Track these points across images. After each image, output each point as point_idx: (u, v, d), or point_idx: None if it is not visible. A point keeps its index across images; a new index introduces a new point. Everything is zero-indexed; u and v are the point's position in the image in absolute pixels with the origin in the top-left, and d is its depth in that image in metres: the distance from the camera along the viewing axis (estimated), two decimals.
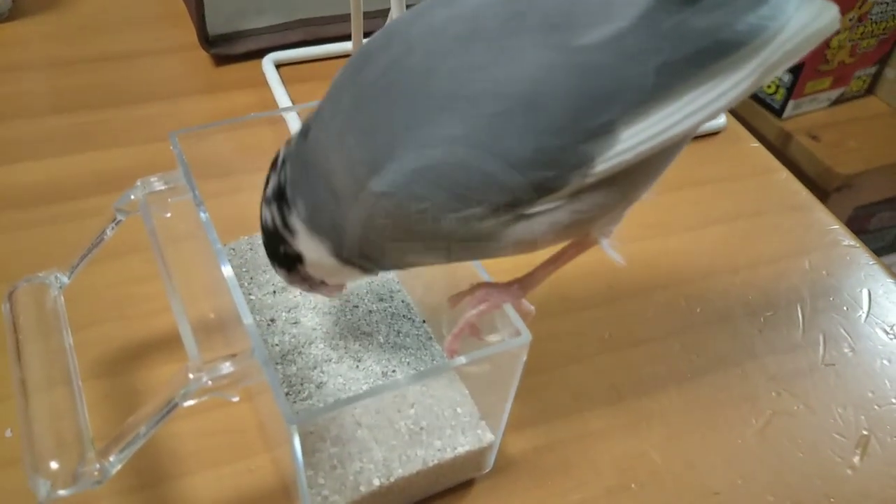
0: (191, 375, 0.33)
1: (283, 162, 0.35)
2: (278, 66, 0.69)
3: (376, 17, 0.70)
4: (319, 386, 0.42)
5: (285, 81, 0.67)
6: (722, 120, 0.68)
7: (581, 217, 0.31)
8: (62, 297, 0.41)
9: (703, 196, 0.62)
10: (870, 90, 1.77)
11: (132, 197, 0.41)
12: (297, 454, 0.33)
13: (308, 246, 0.35)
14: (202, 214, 0.40)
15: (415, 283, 0.47)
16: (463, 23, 0.30)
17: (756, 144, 0.68)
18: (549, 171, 0.29)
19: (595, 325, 0.51)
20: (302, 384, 0.42)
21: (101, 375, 0.45)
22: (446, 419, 0.41)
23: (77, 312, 0.47)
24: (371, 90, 0.31)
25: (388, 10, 0.68)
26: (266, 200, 0.36)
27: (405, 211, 0.30)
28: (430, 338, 0.45)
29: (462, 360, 0.34)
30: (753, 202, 0.62)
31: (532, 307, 0.38)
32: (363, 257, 0.34)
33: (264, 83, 0.68)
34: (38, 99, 0.65)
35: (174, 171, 0.42)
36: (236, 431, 0.43)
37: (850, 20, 1.53)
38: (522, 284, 0.37)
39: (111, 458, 0.34)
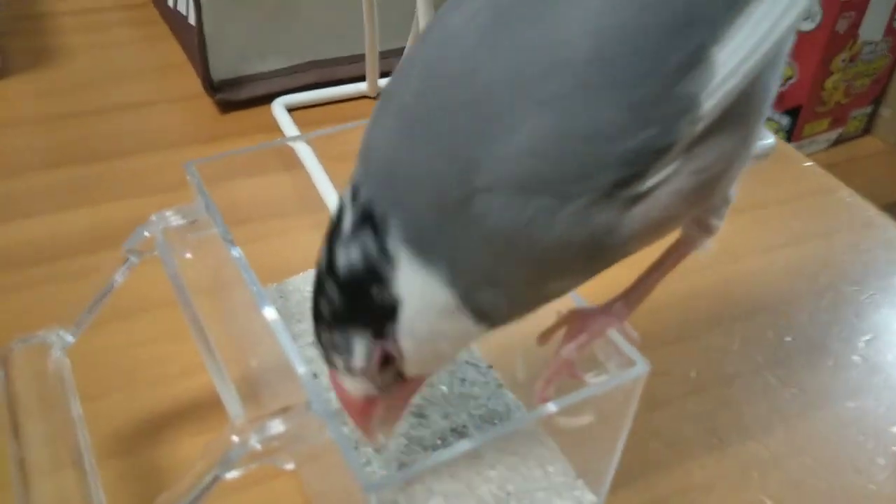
0: (235, 438, 0.27)
1: (357, 189, 0.27)
2: (290, 111, 0.64)
3: (390, 57, 0.65)
4: (379, 449, 0.35)
5: (299, 126, 0.62)
6: (771, 140, 0.63)
7: (703, 178, 0.26)
8: (67, 359, 0.35)
9: (767, 218, 0.56)
10: (867, 130, 1.76)
11: (146, 234, 0.35)
12: None
13: (413, 281, 0.26)
14: (234, 251, 0.34)
15: None
16: (483, 11, 0.25)
17: (809, 163, 0.63)
18: (652, 128, 0.24)
19: (676, 363, 0.45)
20: (357, 448, 0.35)
21: (116, 454, 0.38)
22: (536, 481, 0.34)
23: (84, 380, 0.40)
24: (420, 115, 0.25)
25: (403, 48, 0.63)
26: (340, 239, 0.26)
27: (515, 228, 0.24)
28: (501, 385, 0.38)
29: (574, 398, 0.28)
30: (822, 222, 0.56)
31: (636, 333, 0.32)
32: (489, 284, 0.26)
33: (275, 128, 0.63)
34: (31, 155, 0.59)
35: (191, 204, 0.36)
36: None
37: (843, 61, 1.52)
38: (627, 301, 0.30)
39: None
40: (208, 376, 0.42)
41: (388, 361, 0.27)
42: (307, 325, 0.41)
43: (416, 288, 0.26)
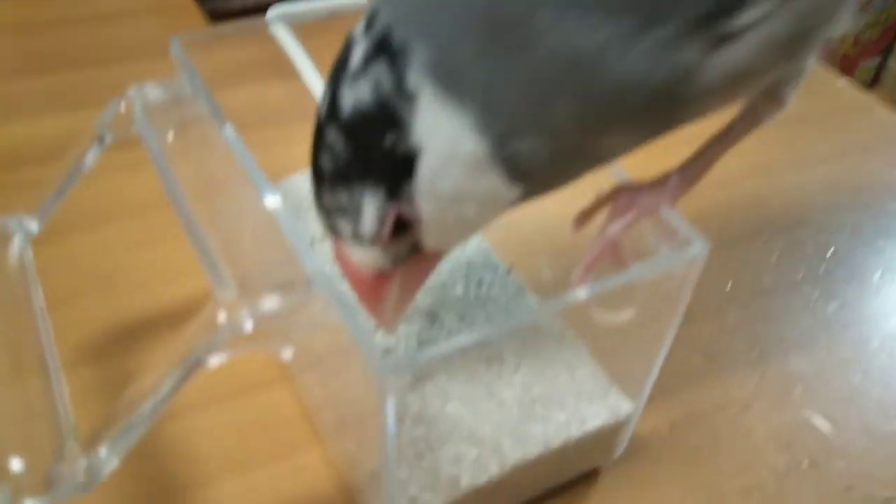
0: (222, 316, 0.22)
1: (373, 16, 0.22)
2: (287, 21, 0.59)
3: None
4: (387, 351, 0.31)
5: (297, 37, 0.57)
6: None
7: (800, 27, 0.22)
8: (30, 251, 0.30)
9: (805, 133, 0.52)
10: (875, 81, 1.71)
11: (122, 109, 0.30)
12: (389, 425, 0.22)
13: (437, 124, 0.21)
14: (226, 129, 0.29)
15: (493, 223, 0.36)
16: None
17: (844, 84, 0.59)
18: None
19: (712, 273, 0.41)
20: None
21: (87, 362, 0.34)
22: (564, 386, 0.30)
23: (54, 285, 0.36)
24: None
25: None
26: (347, 76, 0.22)
27: (581, 56, 0.20)
28: (522, 287, 0.34)
29: (617, 280, 0.24)
30: (861, 138, 0.52)
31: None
32: (530, 132, 0.21)
33: (270, 40, 0.58)
34: (6, 62, 0.54)
35: (174, 79, 0.32)
36: (273, 424, 0.32)
37: None
38: (684, 176, 0.26)
39: (102, 452, 0.23)
40: (194, 282, 0.38)
41: (402, 228, 0.23)
42: (304, 223, 0.36)
43: (440, 133, 0.21)
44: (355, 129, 0.22)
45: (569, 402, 0.29)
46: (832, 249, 0.43)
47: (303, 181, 0.40)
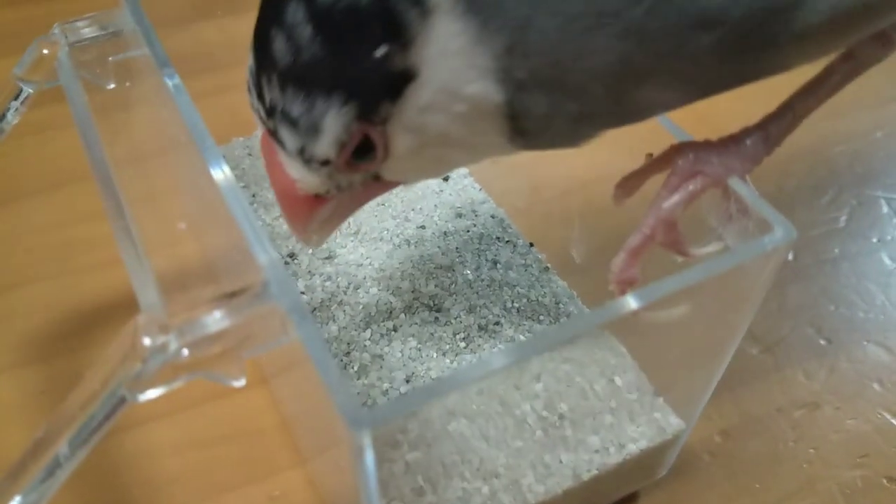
0: (147, 340, 0.17)
1: None
2: None
3: None
4: (378, 357, 0.25)
5: None
6: None
7: None
8: None
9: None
10: None
11: (45, 52, 0.24)
12: (369, 477, 0.17)
13: (447, 48, 0.16)
14: (167, 79, 0.23)
15: (510, 186, 0.30)
16: None
17: None
18: None
19: None
20: (348, 354, 0.25)
21: (33, 361, 0.29)
22: (600, 398, 0.24)
23: None
24: None
25: None
26: None
27: None
28: (547, 268, 0.28)
29: (679, 283, 0.18)
30: None
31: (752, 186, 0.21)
32: (558, 72, 0.16)
33: None
34: None
35: (113, 10, 0.25)
36: (246, 436, 0.27)
37: None
38: (768, 135, 0.20)
39: None
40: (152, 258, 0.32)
41: (363, 155, 0.18)
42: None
43: (449, 63, 0.17)
44: (339, 22, 0.16)
45: (605, 420, 0.23)
46: None
47: None
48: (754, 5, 0.15)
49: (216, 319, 0.17)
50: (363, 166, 0.19)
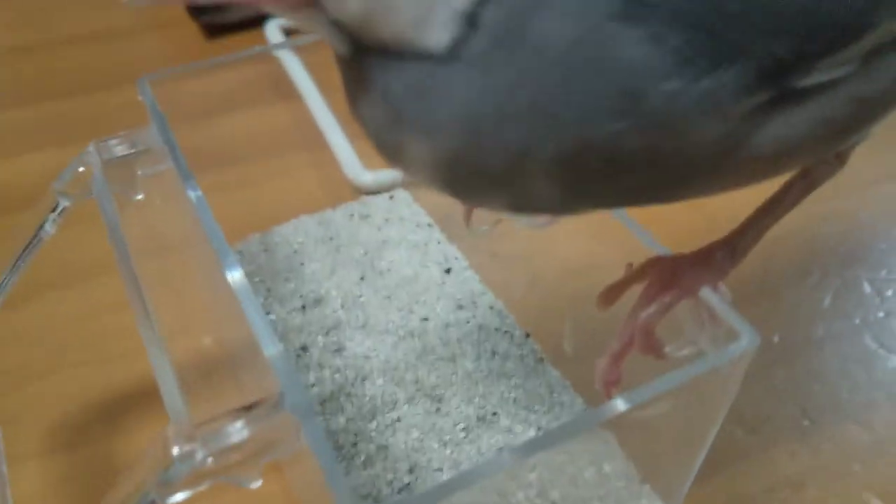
0: (175, 449, 0.19)
1: None
2: (287, 33, 0.55)
3: None
4: (383, 447, 0.27)
5: (296, 50, 0.54)
6: None
7: (863, 110, 0.17)
8: None
9: (866, 145, 0.47)
10: None
11: (80, 169, 0.27)
12: None
13: None
14: (191, 192, 0.26)
15: (508, 278, 0.32)
16: None
17: None
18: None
19: (756, 324, 0.36)
20: (356, 445, 0.27)
21: (59, 449, 0.31)
22: (589, 486, 0.26)
23: (19, 358, 0.33)
24: None
25: None
26: None
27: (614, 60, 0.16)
28: (542, 359, 0.30)
29: (658, 388, 0.20)
30: None
31: (725, 288, 0.23)
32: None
33: (271, 56, 0.54)
34: None
35: (143, 129, 0.28)
36: None
37: None
38: (734, 250, 0.22)
39: None
40: (177, 345, 0.34)
41: None
42: (296, 283, 0.33)
43: None
44: None
45: None
46: (892, 289, 0.38)
47: (291, 231, 0.36)
48: (708, 125, 0.16)
49: (237, 429, 0.19)
50: None
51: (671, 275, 0.22)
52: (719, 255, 0.22)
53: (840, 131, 0.18)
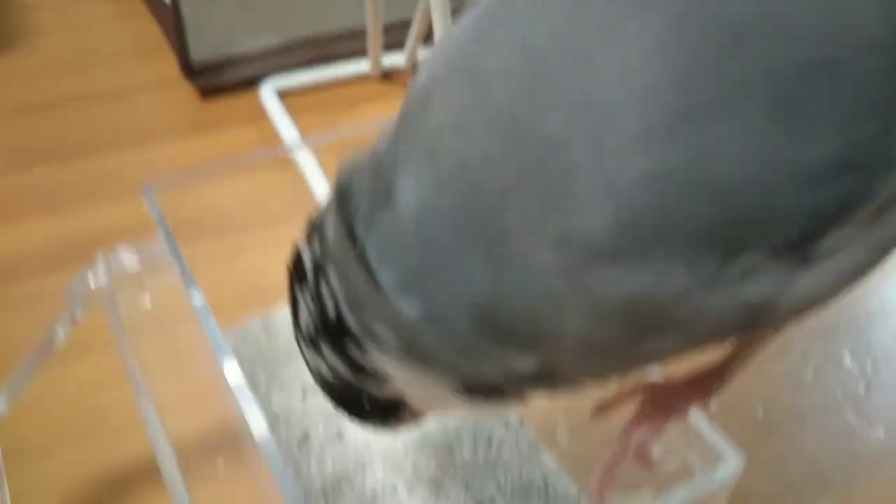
0: None
1: (318, 268, 0.20)
2: (281, 95, 0.56)
3: (396, 29, 0.57)
4: None
5: (291, 112, 0.55)
6: None
7: (884, 254, 0.19)
8: None
9: None
10: None
11: (91, 283, 0.28)
12: None
13: (407, 381, 0.20)
14: (195, 296, 0.27)
15: None
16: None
17: None
18: (855, 176, 0.17)
19: (739, 399, 0.38)
20: None
21: None
22: None
23: (24, 438, 0.34)
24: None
25: (410, 20, 0.55)
26: (306, 339, 0.21)
27: (641, 299, 0.17)
28: (536, 447, 0.31)
29: None
30: None
31: (712, 405, 0.25)
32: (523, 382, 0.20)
33: (264, 116, 0.55)
34: None
35: (150, 240, 0.29)
36: None
37: None
38: (721, 376, 0.23)
39: None
40: (178, 424, 0.35)
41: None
42: (297, 368, 0.34)
43: (416, 387, 0.21)
44: (330, 391, 0.22)
45: None
46: (872, 360, 0.40)
47: None
48: (731, 307, 0.17)
49: None
50: None
51: (662, 399, 0.23)
52: (708, 380, 0.23)
53: (862, 275, 0.19)
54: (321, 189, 0.43)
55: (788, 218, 0.16)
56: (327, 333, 0.20)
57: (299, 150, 0.40)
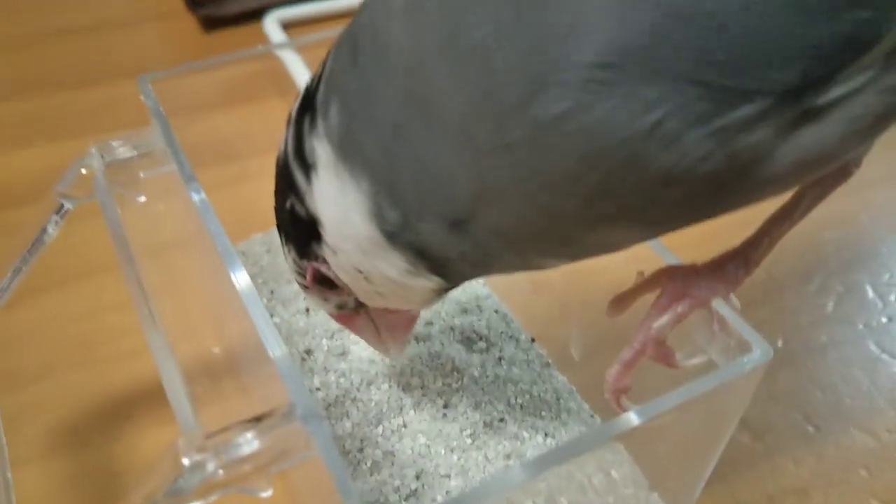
0: (186, 460, 0.19)
1: (323, 71, 0.20)
2: (285, 26, 0.55)
3: None
4: (390, 453, 0.27)
5: (296, 46, 0.53)
6: None
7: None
8: None
9: None
10: None
11: (82, 171, 0.26)
12: None
13: (329, 191, 0.20)
14: (194, 194, 0.25)
15: (512, 281, 0.32)
16: None
17: None
18: (864, 8, 0.15)
19: (759, 328, 0.36)
20: (362, 450, 0.27)
21: (61, 449, 0.30)
22: (598, 492, 0.26)
23: (20, 360, 0.33)
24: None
25: None
26: (288, 118, 0.21)
27: (611, 141, 0.16)
28: (548, 364, 0.30)
29: (670, 401, 0.20)
30: None
31: (735, 299, 0.23)
32: (466, 242, 0.19)
33: (272, 54, 0.54)
34: None
35: (145, 129, 0.28)
36: None
37: None
38: (747, 260, 0.22)
39: None
40: (185, 347, 0.34)
41: (332, 284, 0.22)
42: None
43: (334, 206, 0.20)
44: (277, 181, 0.22)
45: None
46: (895, 294, 0.38)
47: None
48: (719, 163, 0.16)
49: (248, 440, 0.19)
50: (335, 294, 0.23)
51: (683, 284, 0.21)
52: (732, 266, 0.22)
53: (873, 126, 0.18)
54: None
55: (790, 56, 0.15)
56: (301, 109, 0.20)
57: (300, 62, 0.38)
